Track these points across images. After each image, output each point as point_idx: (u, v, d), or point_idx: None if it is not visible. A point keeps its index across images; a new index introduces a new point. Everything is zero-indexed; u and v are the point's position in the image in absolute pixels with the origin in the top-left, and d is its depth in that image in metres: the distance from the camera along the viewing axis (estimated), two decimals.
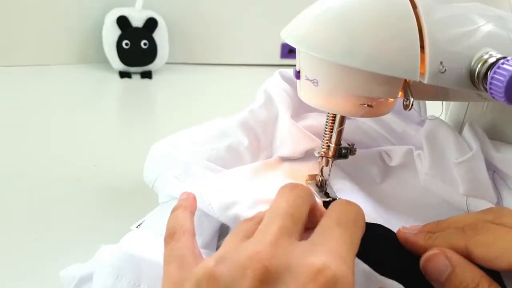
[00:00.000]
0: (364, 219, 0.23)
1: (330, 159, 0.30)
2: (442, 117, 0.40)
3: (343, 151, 0.29)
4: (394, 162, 0.35)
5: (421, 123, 0.35)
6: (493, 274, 0.23)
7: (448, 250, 0.24)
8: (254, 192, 0.29)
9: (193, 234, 0.25)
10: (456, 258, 0.23)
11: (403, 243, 0.26)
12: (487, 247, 0.23)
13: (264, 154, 0.36)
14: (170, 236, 0.25)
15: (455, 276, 0.23)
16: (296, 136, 0.35)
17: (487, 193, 0.31)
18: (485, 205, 0.30)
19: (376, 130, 0.37)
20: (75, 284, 0.29)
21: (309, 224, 0.23)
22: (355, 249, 0.22)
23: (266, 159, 0.36)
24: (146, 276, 0.26)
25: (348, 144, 0.30)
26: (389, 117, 0.36)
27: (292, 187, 0.24)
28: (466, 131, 0.32)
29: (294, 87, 0.37)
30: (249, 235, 0.22)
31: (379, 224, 0.28)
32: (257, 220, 0.23)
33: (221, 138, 0.36)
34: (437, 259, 0.24)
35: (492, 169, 0.31)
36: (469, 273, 0.23)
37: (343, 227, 0.22)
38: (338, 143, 0.29)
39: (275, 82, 0.38)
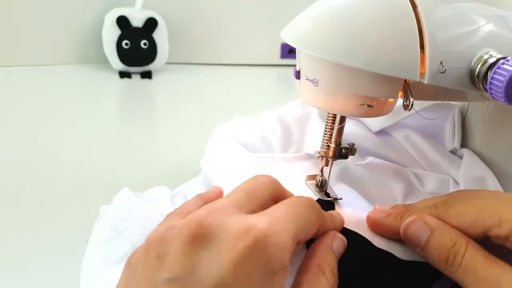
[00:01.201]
0: (318, 209, 0.24)
1: (330, 159, 0.30)
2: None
3: (343, 151, 0.29)
4: (427, 188, 0.34)
5: (453, 150, 0.35)
6: None
7: (425, 215, 0.24)
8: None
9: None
10: (434, 221, 0.24)
11: (373, 227, 0.27)
12: (460, 216, 0.24)
13: (294, 148, 0.37)
14: (167, 215, 0.26)
15: (433, 238, 0.24)
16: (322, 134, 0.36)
17: None
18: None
19: (407, 150, 0.37)
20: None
21: None
22: (299, 225, 0.22)
23: (294, 153, 0.37)
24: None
25: (348, 144, 0.30)
26: (422, 143, 0.36)
27: (257, 175, 0.25)
28: None
29: None
30: None
31: (355, 233, 0.27)
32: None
33: (258, 128, 0.38)
34: (416, 224, 0.24)
35: None
36: (446, 234, 0.23)
37: (289, 206, 0.23)
38: (338, 143, 0.29)
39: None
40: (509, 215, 0.22)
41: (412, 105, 0.24)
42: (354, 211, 0.29)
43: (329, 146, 0.29)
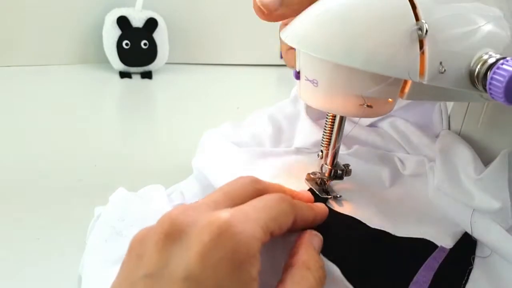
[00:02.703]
0: (290, 202, 0.24)
1: (326, 179, 0.30)
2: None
3: (338, 172, 0.30)
4: (407, 171, 0.35)
5: (438, 135, 0.35)
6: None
7: None
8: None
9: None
10: None
11: None
12: None
13: (284, 145, 0.38)
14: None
15: None
16: (308, 129, 0.37)
17: (505, 215, 0.29)
18: (491, 226, 0.29)
19: (391, 136, 0.37)
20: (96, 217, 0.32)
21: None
22: (269, 216, 0.22)
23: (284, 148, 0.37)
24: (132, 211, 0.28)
25: (344, 165, 0.30)
26: (407, 127, 0.37)
27: (239, 176, 0.26)
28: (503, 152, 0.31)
29: None
30: None
31: (351, 217, 0.28)
32: None
33: (248, 127, 0.39)
34: None
35: None
36: None
37: (260, 200, 0.23)
38: (333, 164, 0.30)
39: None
40: None
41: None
42: (352, 207, 0.29)
43: (329, 143, 0.29)
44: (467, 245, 0.29)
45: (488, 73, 0.23)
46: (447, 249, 0.28)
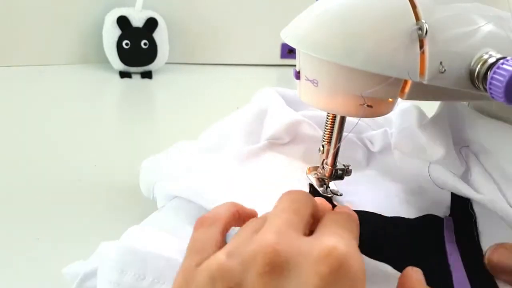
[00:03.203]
0: (357, 220, 0.24)
1: (326, 179, 0.30)
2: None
3: (339, 172, 0.30)
4: (376, 148, 0.37)
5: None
6: None
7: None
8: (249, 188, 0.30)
9: (224, 226, 0.25)
10: None
11: (497, 271, 0.26)
12: None
13: (253, 136, 0.37)
14: (201, 223, 0.24)
15: None
16: (278, 114, 0.37)
17: (453, 162, 0.31)
18: (446, 175, 0.30)
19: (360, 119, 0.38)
20: (79, 280, 0.29)
21: (314, 227, 0.23)
22: (357, 241, 0.22)
23: (253, 143, 0.37)
24: (151, 268, 0.25)
25: (344, 165, 0.31)
26: None
27: (293, 190, 0.24)
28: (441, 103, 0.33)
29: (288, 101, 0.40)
30: (257, 230, 0.22)
31: (365, 211, 0.29)
32: (264, 219, 0.23)
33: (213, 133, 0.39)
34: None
35: (465, 144, 0.32)
36: None
37: (341, 223, 0.22)
38: (334, 164, 0.30)
39: (270, 91, 0.41)
40: None
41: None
42: (356, 205, 0.30)
43: (330, 141, 0.29)
44: (460, 204, 0.31)
45: (488, 73, 0.23)
46: (450, 218, 0.30)
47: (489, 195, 0.28)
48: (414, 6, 0.23)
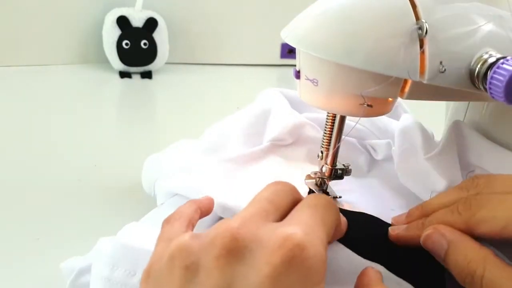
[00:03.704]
0: (337, 208, 0.24)
1: (326, 179, 0.30)
2: (442, 118, 0.40)
3: (338, 171, 0.30)
4: (379, 156, 0.37)
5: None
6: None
7: (442, 227, 0.24)
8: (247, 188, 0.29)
9: (189, 221, 0.25)
10: (450, 234, 0.23)
11: (400, 243, 0.26)
12: (490, 221, 0.22)
13: (255, 138, 0.37)
14: (167, 221, 0.25)
15: (449, 255, 0.23)
16: (282, 115, 0.36)
17: None
18: None
19: (362, 125, 0.38)
20: (74, 275, 0.29)
21: None
22: (327, 229, 0.22)
23: (255, 144, 0.36)
24: (142, 264, 0.25)
25: (344, 164, 0.30)
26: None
27: (276, 182, 0.24)
28: (449, 128, 0.32)
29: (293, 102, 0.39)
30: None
31: (362, 212, 0.29)
32: None
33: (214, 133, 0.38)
34: (434, 236, 0.24)
35: (471, 169, 0.31)
36: (461, 250, 0.23)
37: (314, 209, 0.22)
38: (333, 164, 0.30)
39: (274, 92, 0.40)
40: None
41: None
42: (353, 207, 0.30)
43: (329, 144, 0.29)
44: None
45: (488, 72, 0.23)
46: None
47: None
48: (414, 6, 0.23)
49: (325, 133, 0.29)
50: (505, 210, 0.22)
